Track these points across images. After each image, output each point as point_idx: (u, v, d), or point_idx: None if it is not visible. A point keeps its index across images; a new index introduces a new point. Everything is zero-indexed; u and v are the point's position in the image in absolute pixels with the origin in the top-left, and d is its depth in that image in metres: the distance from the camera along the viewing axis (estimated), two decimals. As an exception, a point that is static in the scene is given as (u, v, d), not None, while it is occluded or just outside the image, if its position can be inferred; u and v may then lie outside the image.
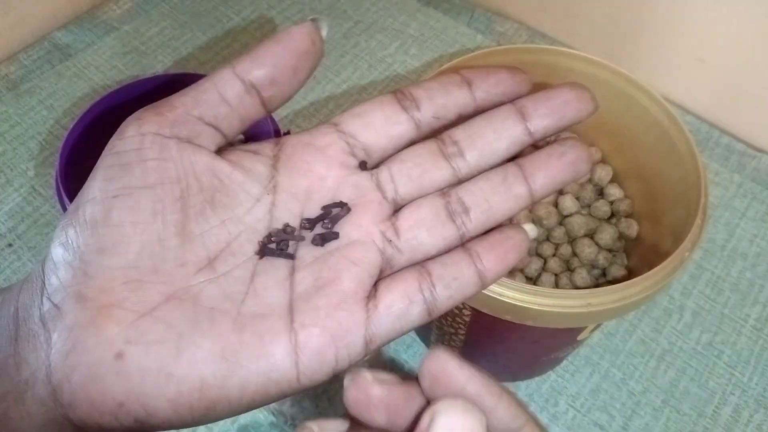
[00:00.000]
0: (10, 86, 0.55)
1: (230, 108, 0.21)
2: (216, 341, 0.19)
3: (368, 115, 0.22)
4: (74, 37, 0.59)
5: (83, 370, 0.18)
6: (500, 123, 0.22)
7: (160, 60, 0.57)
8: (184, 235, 0.20)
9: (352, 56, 0.58)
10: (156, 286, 0.19)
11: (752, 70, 0.51)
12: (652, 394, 0.42)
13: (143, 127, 0.20)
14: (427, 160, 0.22)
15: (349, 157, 0.22)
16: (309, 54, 0.21)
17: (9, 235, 0.47)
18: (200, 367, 0.18)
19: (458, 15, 0.62)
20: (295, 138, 0.22)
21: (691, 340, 0.44)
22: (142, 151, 0.20)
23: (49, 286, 0.19)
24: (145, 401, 0.18)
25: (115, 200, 0.19)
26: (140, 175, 0.19)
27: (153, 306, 0.19)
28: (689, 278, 0.47)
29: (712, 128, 0.54)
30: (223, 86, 0.20)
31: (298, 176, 0.21)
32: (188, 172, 0.20)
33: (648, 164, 0.42)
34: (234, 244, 0.20)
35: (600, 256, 0.42)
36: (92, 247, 0.19)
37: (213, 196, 0.20)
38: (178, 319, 0.19)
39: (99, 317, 0.18)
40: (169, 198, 0.20)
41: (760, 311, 0.45)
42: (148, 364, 0.18)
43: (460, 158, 0.22)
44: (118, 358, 0.18)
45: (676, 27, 0.52)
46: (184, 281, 0.19)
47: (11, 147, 0.52)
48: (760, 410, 0.42)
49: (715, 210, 0.50)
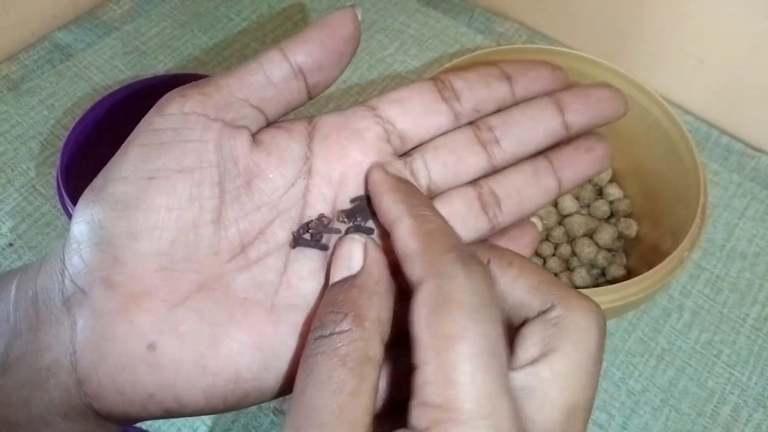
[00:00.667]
0: (11, 86, 0.55)
1: (276, 91, 0.20)
2: (251, 333, 0.18)
3: (407, 102, 0.22)
4: (75, 37, 0.59)
5: (113, 361, 0.17)
6: (538, 113, 0.22)
7: (161, 60, 0.57)
8: (219, 221, 0.19)
9: (352, 56, 0.58)
10: (188, 274, 0.18)
11: (751, 70, 0.51)
12: (652, 394, 0.42)
13: (186, 105, 0.19)
14: (462, 146, 0.22)
15: (385, 144, 0.21)
16: (353, 40, 0.20)
17: (10, 235, 0.47)
18: (236, 359, 0.18)
19: (458, 15, 0.62)
20: (330, 118, 0.21)
21: (690, 339, 0.44)
22: (184, 131, 0.19)
23: (71, 267, 0.18)
24: (178, 393, 0.18)
25: (150, 182, 0.18)
26: (178, 156, 0.19)
27: (185, 296, 0.18)
28: (688, 278, 0.47)
29: (711, 128, 0.54)
30: (270, 68, 0.20)
31: (333, 159, 0.21)
32: (227, 156, 0.19)
33: (647, 164, 0.43)
34: (267, 231, 0.20)
35: (599, 255, 0.42)
36: (123, 230, 0.18)
37: (250, 181, 0.20)
38: (211, 309, 0.18)
39: (130, 305, 0.18)
40: (207, 183, 0.19)
41: (759, 311, 0.45)
42: (182, 356, 0.18)
43: (496, 145, 0.22)
44: (151, 349, 0.17)
45: (675, 27, 0.52)
46: (216, 269, 0.19)
47: (12, 147, 0.52)
48: (759, 409, 0.42)
49: (714, 210, 0.50)
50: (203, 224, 0.19)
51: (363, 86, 0.56)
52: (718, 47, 0.51)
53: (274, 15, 0.61)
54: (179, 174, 0.19)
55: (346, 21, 0.20)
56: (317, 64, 0.20)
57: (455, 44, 0.59)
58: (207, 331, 0.18)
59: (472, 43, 0.59)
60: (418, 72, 0.57)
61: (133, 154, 0.19)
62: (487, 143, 0.22)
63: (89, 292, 0.18)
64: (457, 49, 0.59)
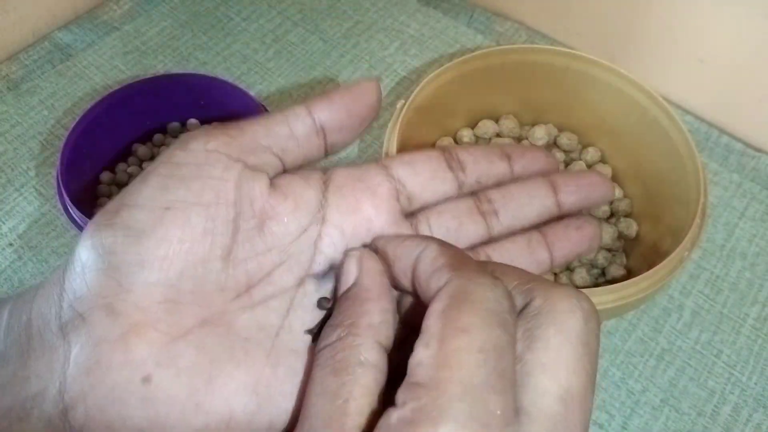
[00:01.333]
0: (11, 86, 0.55)
1: (297, 144, 0.21)
2: (249, 373, 0.18)
3: (417, 165, 0.23)
4: (75, 37, 0.59)
5: (104, 391, 0.17)
6: (534, 190, 0.24)
7: (161, 60, 0.57)
8: (229, 259, 0.19)
9: (352, 56, 0.58)
10: (192, 308, 0.18)
11: (752, 71, 0.51)
12: (652, 393, 0.42)
13: (210, 144, 0.20)
14: (464, 213, 0.23)
15: (395, 202, 0.22)
16: (374, 108, 0.22)
17: (10, 235, 0.47)
18: (231, 399, 0.17)
19: (458, 15, 0.62)
20: (345, 170, 0.22)
21: (690, 339, 0.44)
22: (205, 167, 0.19)
23: (72, 291, 0.18)
24: (170, 431, 0.17)
25: (166, 212, 0.18)
26: (197, 190, 0.19)
27: (187, 329, 0.18)
28: (688, 278, 0.47)
29: (712, 128, 0.54)
30: (295, 122, 0.21)
31: (348, 212, 0.21)
32: (245, 196, 0.20)
33: (647, 164, 0.43)
34: (275, 273, 0.20)
35: (599, 255, 0.42)
36: (133, 258, 0.18)
37: (263, 223, 0.20)
38: (211, 345, 0.18)
39: (130, 335, 0.17)
40: (222, 219, 0.19)
41: (759, 310, 0.45)
42: (177, 391, 0.17)
43: (494, 217, 0.23)
44: (146, 381, 0.17)
45: (675, 27, 0.52)
46: (221, 306, 0.19)
47: (12, 147, 0.52)
48: (759, 409, 0.42)
49: (714, 210, 0.50)
50: (213, 259, 0.19)
51: (363, 86, 0.56)
52: (718, 47, 0.51)
53: (274, 14, 0.61)
54: (195, 207, 0.19)
55: (371, 90, 0.22)
56: (339, 125, 0.21)
57: (455, 44, 0.59)
58: (205, 367, 0.18)
59: (472, 43, 0.59)
60: (418, 72, 0.57)
61: (152, 183, 0.19)
62: (486, 214, 0.23)
63: (89, 317, 0.17)
64: (457, 49, 0.59)
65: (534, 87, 0.45)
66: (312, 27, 0.60)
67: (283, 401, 0.18)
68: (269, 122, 0.21)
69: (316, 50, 0.59)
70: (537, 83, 0.44)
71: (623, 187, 0.45)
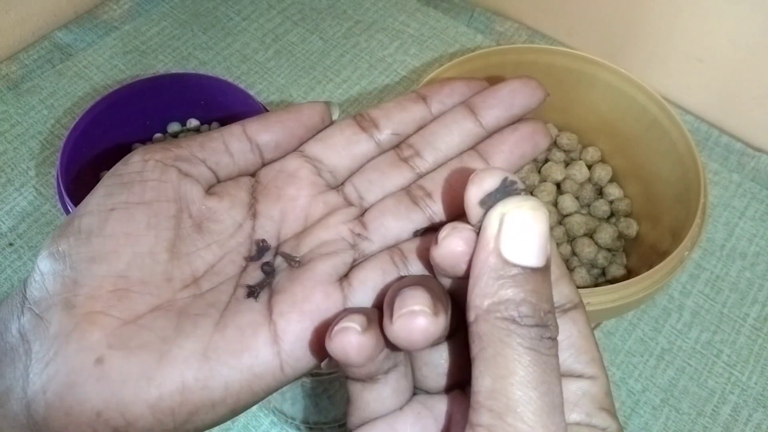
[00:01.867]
0: (11, 86, 0.55)
1: (231, 159, 0.22)
2: (198, 341, 0.19)
3: (329, 138, 0.23)
4: (75, 36, 0.59)
5: (61, 378, 0.17)
6: (451, 119, 0.23)
7: (161, 60, 0.57)
8: (174, 252, 0.20)
9: (351, 56, 0.58)
10: (143, 296, 0.19)
11: (751, 70, 0.51)
12: (652, 393, 0.42)
13: (147, 155, 0.21)
14: (385, 165, 0.23)
15: (317, 178, 0.23)
16: (314, 129, 0.23)
17: (10, 235, 0.47)
18: (182, 368, 0.18)
19: (458, 15, 0.62)
20: (268, 168, 0.23)
21: (690, 339, 0.44)
22: (144, 173, 0.21)
23: (31, 296, 0.19)
24: (125, 408, 0.18)
25: (111, 213, 0.20)
26: (139, 192, 0.20)
27: (139, 314, 0.19)
28: (688, 277, 0.47)
29: (711, 128, 0.54)
30: (231, 140, 0.22)
31: (273, 201, 0.22)
32: (183, 197, 0.21)
33: (647, 164, 0.42)
34: (218, 265, 0.21)
35: (599, 255, 0.42)
36: (84, 256, 0.19)
37: (201, 222, 0.21)
38: (162, 326, 0.19)
39: (83, 324, 0.18)
40: (164, 214, 0.20)
41: (759, 310, 0.45)
42: (129, 368, 0.18)
43: (418, 158, 0.23)
44: (99, 363, 0.18)
45: (675, 27, 0.52)
46: (170, 294, 0.20)
47: (12, 146, 0.52)
48: (759, 409, 0.42)
49: (715, 209, 0.50)
50: (159, 251, 0.20)
51: (363, 86, 0.56)
52: (718, 47, 0.51)
53: (274, 14, 0.61)
54: (138, 205, 0.20)
55: (314, 114, 0.23)
56: (275, 144, 0.23)
57: (455, 44, 0.59)
58: (156, 345, 0.18)
59: (472, 43, 0.59)
60: (418, 72, 0.57)
61: (98, 192, 0.20)
62: (408, 159, 0.23)
63: (45, 315, 0.18)
64: (457, 49, 0.59)
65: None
66: (312, 26, 0.60)
67: (234, 361, 0.19)
68: (205, 138, 0.22)
69: (316, 50, 0.59)
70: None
71: (623, 186, 0.45)
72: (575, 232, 0.43)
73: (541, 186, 0.44)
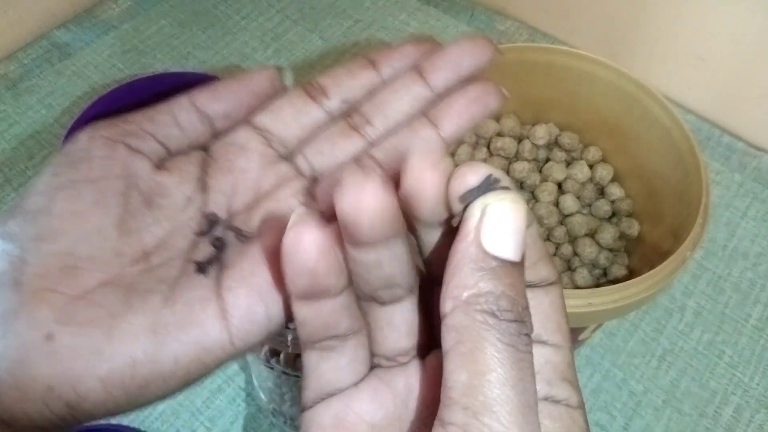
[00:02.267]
0: (9, 85, 0.55)
1: (181, 131, 0.22)
2: (147, 316, 0.19)
3: (279, 109, 0.23)
4: (73, 35, 0.59)
5: (11, 355, 0.18)
6: (400, 85, 0.23)
7: (160, 59, 0.57)
8: (122, 228, 0.20)
9: (351, 55, 0.58)
10: (92, 273, 0.19)
11: (753, 69, 0.50)
12: (653, 394, 0.42)
13: (94, 132, 0.21)
14: (335, 134, 0.23)
15: (268, 149, 0.23)
16: (264, 95, 0.23)
17: (8, 235, 0.47)
18: (131, 342, 0.18)
19: (458, 14, 0.61)
20: (218, 141, 0.23)
21: (692, 339, 0.44)
22: (91, 150, 0.21)
23: None
24: (76, 383, 0.18)
25: (58, 191, 0.20)
26: (86, 170, 0.20)
27: (87, 290, 0.19)
28: (690, 278, 0.46)
29: (713, 127, 0.54)
30: (179, 112, 0.22)
31: (223, 174, 0.22)
32: (131, 173, 0.21)
33: (649, 163, 0.42)
34: (169, 240, 0.21)
35: (601, 255, 0.42)
36: (31, 235, 0.19)
37: (151, 198, 0.21)
38: (111, 302, 0.19)
39: (32, 300, 0.18)
40: (112, 191, 0.20)
41: (761, 311, 0.45)
42: (78, 343, 0.18)
43: (368, 126, 0.23)
44: (48, 339, 0.18)
45: (676, 26, 0.52)
46: (119, 270, 0.20)
47: (10, 146, 0.52)
48: (761, 410, 0.41)
49: (716, 209, 0.50)
50: (107, 228, 0.20)
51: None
52: (719, 46, 0.51)
53: (274, 13, 0.61)
54: (85, 183, 0.20)
55: (263, 81, 0.23)
56: (223, 113, 0.22)
57: (455, 43, 0.59)
58: (105, 320, 0.18)
59: (473, 42, 0.59)
60: (418, 71, 0.57)
61: (46, 172, 0.20)
62: (359, 127, 0.23)
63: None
64: (458, 48, 0.59)
65: (535, 86, 0.44)
66: (311, 25, 0.60)
67: (183, 335, 0.19)
68: (153, 112, 0.22)
69: (316, 49, 0.59)
70: (538, 82, 0.44)
71: (625, 186, 0.45)
72: (576, 232, 0.42)
73: (542, 186, 0.44)
